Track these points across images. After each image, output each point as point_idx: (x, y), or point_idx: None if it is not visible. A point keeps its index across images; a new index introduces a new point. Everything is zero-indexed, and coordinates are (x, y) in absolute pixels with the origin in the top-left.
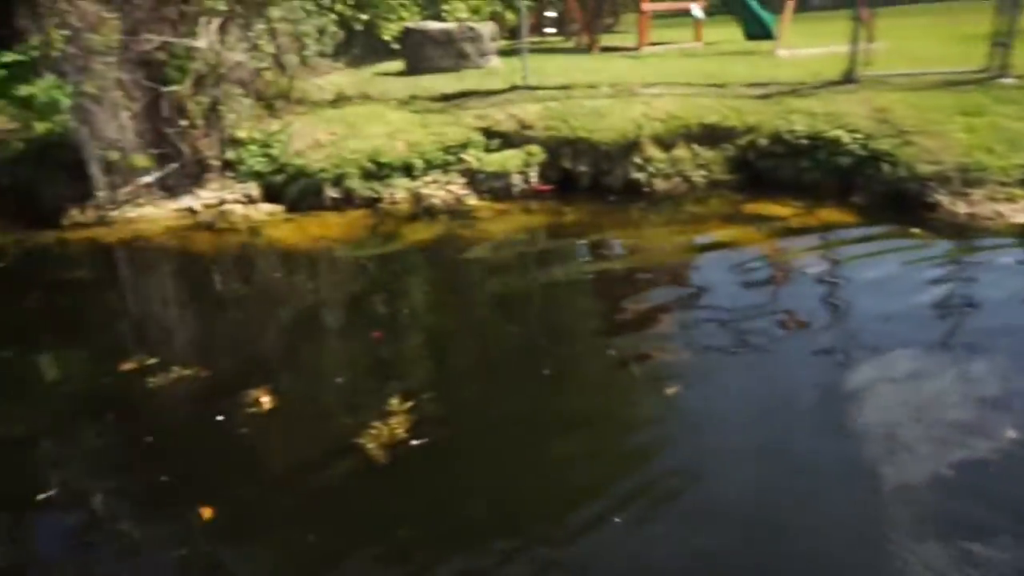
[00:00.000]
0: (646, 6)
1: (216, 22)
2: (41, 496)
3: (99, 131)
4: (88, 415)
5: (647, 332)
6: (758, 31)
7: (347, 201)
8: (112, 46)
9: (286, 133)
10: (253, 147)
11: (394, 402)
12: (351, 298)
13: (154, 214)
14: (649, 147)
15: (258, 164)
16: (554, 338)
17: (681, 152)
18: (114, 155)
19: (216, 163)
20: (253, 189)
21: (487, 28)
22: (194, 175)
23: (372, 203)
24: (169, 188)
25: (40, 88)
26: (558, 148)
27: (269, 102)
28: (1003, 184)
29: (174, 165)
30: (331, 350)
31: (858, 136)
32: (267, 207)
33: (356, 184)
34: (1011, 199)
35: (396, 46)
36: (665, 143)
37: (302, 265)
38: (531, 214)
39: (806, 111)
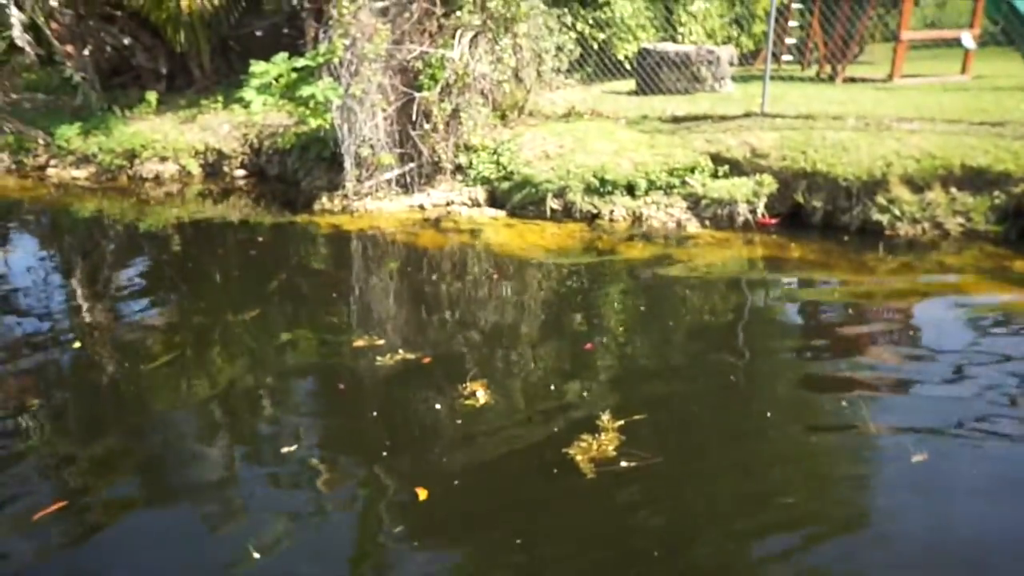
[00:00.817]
0: (905, 34)
1: (468, 35)
2: (285, 449)
3: (357, 129)
4: (324, 384)
5: (862, 379)
6: None
7: (566, 213)
8: (380, 54)
9: (516, 143)
10: (483, 154)
11: (605, 418)
12: (563, 307)
13: (389, 208)
14: (897, 187)
15: (487, 170)
16: (773, 388)
17: (936, 195)
18: (365, 151)
19: (449, 166)
20: (479, 193)
21: (726, 52)
22: (428, 175)
23: (591, 218)
24: (405, 185)
25: (319, 89)
26: (792, 180)
27: (503, 112)
28: None
29: (412, 165)
30: (543, 355)
31: None
32: (490, 211)
33: (578, 197)
34: None
35: (628, 66)
36: (917, 184)
37: (518, 269)
38: (753, 246)
39: None
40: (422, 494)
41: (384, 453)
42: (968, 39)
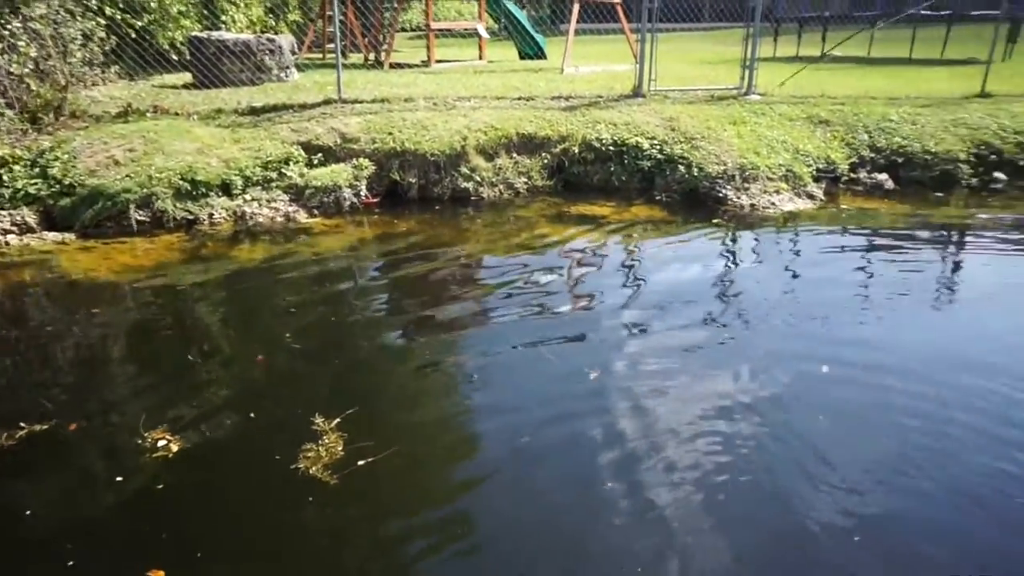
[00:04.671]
0: (433, 25)
1: None
2: None
3: None
4: None
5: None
6: (532, 51)
7: (158, 224)
8: None
9: (64, 150)
10: (18, 167)
11: (319, 421)
12: (200, 327)
13: None
14: (474, 157)
15: (31, 186)
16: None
17: (504, 161)
18: None
19: None
20: (28, 215)
21: (286, 41)
22: None
23: (189, 225)
24: None
25: None
26: (385, 160)
27: (33, 115)
28: (771, 180)
29: None
30: (217, 380)
31: (655, 142)
32: (52, 235)
33: (168, 205)
34: (779, 191)
35: (175, 57)
36: (488, 153)
37: (117, 297)
38: (362, 227)
39: (609, 121)
40: None
41: (71, 562)
42: (482, 29)
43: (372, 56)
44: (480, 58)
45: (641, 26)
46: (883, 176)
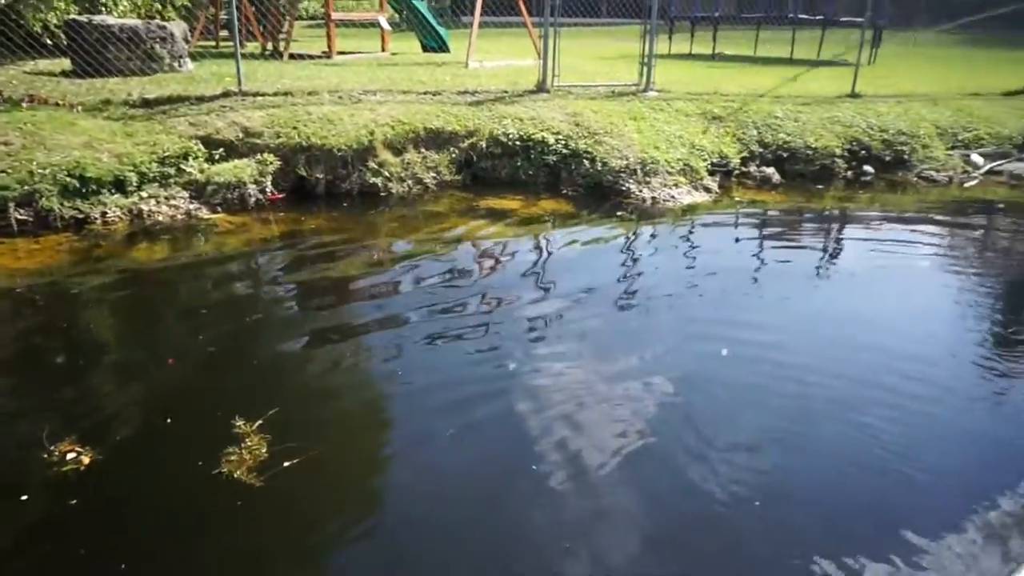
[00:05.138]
0: (335, 16)
1: None
2: None
3: None
4: None
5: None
6: (435, 43)
7: (43, 224)
8: None
9: None
10: None
11: (239, 423)
12: (104, 331)
13: None
14: (382, 152)
15: None
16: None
17: (412, 156)
18: None
19: None
20: None
21: (178, 28)
22: None
23: (79, 225)
24: None
25: None
26: (291, 155)
27: None
28: (670, 174)
29: None
30: (124, 388)
31: (560, 137)
32: None
33: (54, 203)
34: (678, 185)
35: (50, 41)
36: (396, 148)
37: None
38: (269, 224)
39: (515, 116)
40: None
41: None
42: (384, 21)
43: (270, 46)
44: (383, 50)
45: (543, 20)
46: (771, 170)
